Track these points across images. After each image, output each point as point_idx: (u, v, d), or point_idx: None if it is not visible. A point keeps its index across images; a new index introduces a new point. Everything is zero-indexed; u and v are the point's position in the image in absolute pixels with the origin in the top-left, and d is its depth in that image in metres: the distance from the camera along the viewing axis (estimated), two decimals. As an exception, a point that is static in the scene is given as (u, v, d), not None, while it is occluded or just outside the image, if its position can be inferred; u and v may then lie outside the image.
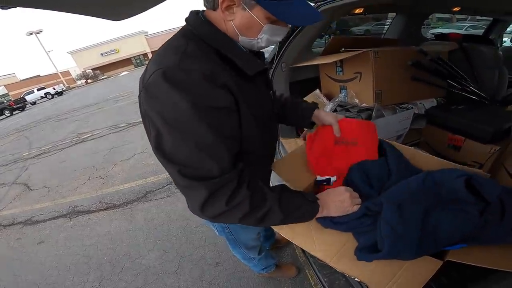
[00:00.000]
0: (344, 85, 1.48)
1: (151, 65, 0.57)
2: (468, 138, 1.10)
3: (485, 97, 1.22)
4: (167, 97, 0.51)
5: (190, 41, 0.57)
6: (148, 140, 0.61)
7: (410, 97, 1.42)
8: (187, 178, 0.53)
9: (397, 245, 0.54)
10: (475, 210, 0.56)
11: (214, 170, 0.53)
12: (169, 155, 0.54)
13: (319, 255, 0.62)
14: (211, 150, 0.53)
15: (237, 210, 0.56)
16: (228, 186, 0.54)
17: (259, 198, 0.58)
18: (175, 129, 0.52)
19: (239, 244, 1.06)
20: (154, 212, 2.49)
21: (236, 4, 0.55)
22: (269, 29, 0.58)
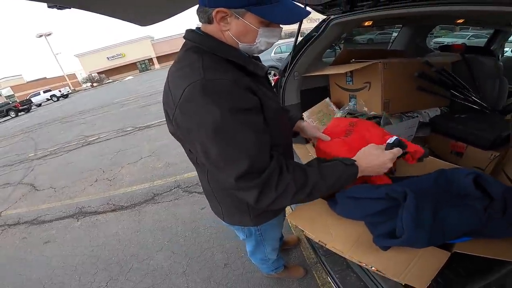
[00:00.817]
0: (353, 94, 1.55)
1: (175, 85, 0.61)
2: (470, 145, 1.17)
3: (486, 106, 1.29)
4: (204, 109, 0.56)
5: (203, 55, 0.62)
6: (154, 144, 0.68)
7: (416, 106, 1.49)
8: (240, 180, 0.59)
9: (414, 233, 0.60)
10: (480, 205, 0.62)
11: (262, 165, 0.59)
12: (219, 163, 0.59)
13: (336, 246, 0.67)
14: (256, 148, 0.58)
15: (287, 193, 0.61)
16: (273, 176, 0.60)
17: (301, 177, 0.63)
18: (218, 136, 0.56)
19: (265, 245, 1.11)
20: (162, 214, 2.52)
21: (228, 15, 0.59)
22: (265, 32, 0.63)
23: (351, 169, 0.69)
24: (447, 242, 0.64)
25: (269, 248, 1.15)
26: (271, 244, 1.13)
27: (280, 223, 1.09)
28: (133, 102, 10.21)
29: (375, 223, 0.70)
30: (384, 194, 0.70)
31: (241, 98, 0.59)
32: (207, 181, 0.83)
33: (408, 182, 0.76)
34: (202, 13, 0.63)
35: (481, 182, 0.66)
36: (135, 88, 15.47)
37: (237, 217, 0.89)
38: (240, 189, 0.61)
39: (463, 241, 0.63)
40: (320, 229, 0.75)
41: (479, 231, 0.62)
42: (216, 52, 0.63)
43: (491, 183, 0.64)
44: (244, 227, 0.97)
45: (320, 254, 1.00)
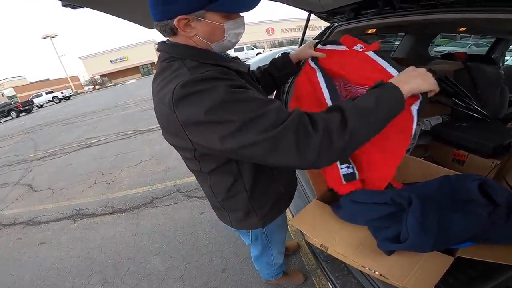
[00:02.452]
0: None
1: (165, 92, 0.58)
2: (471, 153, 1.17)
3: (487, 115, 1.30)
4: (201, 96, 0.53)
5: (184, 61, 0.61)
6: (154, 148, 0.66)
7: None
8: (266, 141, 0.52)
9: (419, 238, 0.59)
10: (484, 211, 0.62)
11: (282, 115, 0.54)
12: (241, 129, 0.53)
13: (340, 250, 0.66)
14: (266, 105, 0.54)
15: (330, 128, 0.53)
16: (302, 119, 0.54)
17: (335, 112, 0.56)
18: (227, 110, 0.53)
19: (272, 249, 1.10)
20: (161, 218, 2.50)
21: (190, 20, 0.59)
22: (230, 25, 0.63)
23: (385, 85, 0.60)
24: (451, 247, 0.64)
25: (275, 251, 1.14)
26: (277, 247, 1.13)
27: (285, 225, 1.09)
28: (134, 106, 10.24)
29: (379, 228, 0.70)
30: (389, 199, 0.69)
31: (231, 79, 0.58)
32: (209, 188, 0.81)
33: (413, 188, 0.76)
34: (163, 27, 0.62)
35: (486, 188, 0.66)
36: (137, 92, 15.56)
37: (245, 220, 0.88)
38: (272, 141, 0.52)
39: (466, 246, 0.63)
40: (323, 233, 0.74)
41: (482, 236, 0.62)
42: (196, 58, 0.62)
43: (496, 189, 0.65)
44: (250, 231, 0.96)
45: (321, 259, 0.99)
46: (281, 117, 0.53)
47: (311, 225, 0.73)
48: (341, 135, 0.53)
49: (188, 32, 0.61)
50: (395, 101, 0.59)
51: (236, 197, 0.79)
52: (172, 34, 0.63)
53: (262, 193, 0.82)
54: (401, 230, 0.63)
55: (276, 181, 0.84)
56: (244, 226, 0.91)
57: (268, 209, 0.86)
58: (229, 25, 0.63)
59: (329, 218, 0.78)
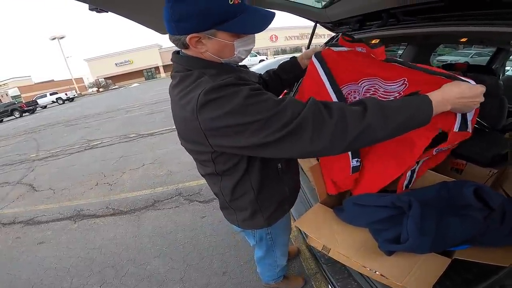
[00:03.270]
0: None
1: (187, 100, 0.61)
2: (469, 162, 1.20)
3: (485, 125, 1.32)
4: (222, 101, 0.57)
5: (203, 70, 0.64)
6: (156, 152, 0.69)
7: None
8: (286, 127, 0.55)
9: (418, 240, 0.62)
10: (480, 215, 0.65)
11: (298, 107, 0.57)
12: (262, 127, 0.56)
13: (342, 251, 0.69)
14: (282, 101, 0.58)
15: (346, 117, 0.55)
16: (316, 107, 0.57)
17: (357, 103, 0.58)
18: (249, 111, 0.56)
19: (275, 250, 1.12)
20: (162, 221, 2.51)
21: (201, 37, 0.62)
22: (240, 43, 0.66)
23: (419, 97, 0.60)
24: (448, 249, 0.66)
25: (279, 253, 1.16)
26: (281, 249, 1.15)
27: (289, 228, 1.11)
28: (137, 109, 10.33)
29: (379, 230, 0.72)
30: (389, 203, 0.72)
31: (249, 84, 0.61)
32: (219, 189, 0.85)
33: (413, 193, 0.79)
34: (176, 41, 0.65)
35: (481, 193, 0.69)
36: (140, 95, 15.70)
37: (251, 220, 0.91)
38: (292, 133, 0.56)
39: (462, 249, 0.66)
40: (326, 235, 0.77)
41: (478, 239, 0.65)
42: (211, 69, 0.66)
43: (491, 195, 0.68)
44: (255, 232, 0.98)
45: (321, 262, 1.01)
46: (297, 108, 0.56)
47: (314, 227, 0.76)
48: (357, 126, 0.55)
49: (199, 48, 0.64)
50: (421, 112, 0.59)
51: (244, 196, 0.83)
52: (184, 47, 0.67)
53: (268, 194, 0.85)
54: (401, 232, 0.66)
55: (281, 182, 0.87)
56: (250, 225, 0.94)
57: (273, 209, 0.89)
58: (238, 43, 0.66)
59: (331, 221, 0.81)
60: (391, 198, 0.73)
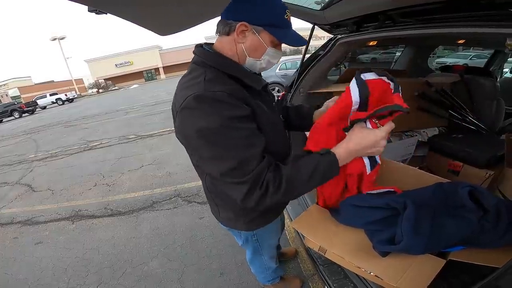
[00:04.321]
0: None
1: (179, 94, 0.68)
2: (466, 163, 1.21)
3: (483, 127, 1.34)
4: (201, 115, 0.62)
5: (207, 70, 0.69)
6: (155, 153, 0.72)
7: (415, 125, 1.54)
8: (227, 176, 0.64)
9: (413, 240, 0.62)
10: (474, 217, 0.66)
11: (249, 167, 0.63)
12: (210, 160, 0.65)
13: (337, 251, 0.69)
14: (244, 151, 0.63)
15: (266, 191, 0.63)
16: (261, 175, 0.63)
17: (277, 175, 0.65)
18: (213, 140, 0.62)
19: (263, 252, 1.12)
20: (160, 222, 2.51)
21: (248, 29, 0.68)
22: (270, 52, 0.73)
23: (327, 157, 0.68)
24: (443, 250, 0.66)
25: (267, 256, 1.16)
26: (268, 251, 1.15)
27: (276, 231, 1.10)
28: (136, 111, 10.34)
29: (374, 231, 0.73)
30: (384, 204, 0.73)
31: (235, 107, 0.64)
32: (205, 183, 0.88)
33: (408, 194, 0.79)
34: (223, 25, 0.71)
35: (476, 195, 0.69)
36: (140, 97, 15.70)
37: (232, 220, 0.93)
38: (227, 184, 0.66)
39: (457, 250, 0.66)
40: (322, 235, 0.77)
41: (473, 241, 0.65)
42: (218, 67, 0.70)
43: (485, 196, 0.68)
44: (241, 233, 1.00)
45: (318, 263, 1.01)
46: (248, 169, 0.62)
47: (310, 228, 0.76)
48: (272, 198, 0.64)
49: (239, 38, 0.70)
50: (330, 173, 0.68)
51: (227, 198, 0.84)
52: (226, 33, 0.71)
53: None
54: (396, 232, 0.66)
55: None
56: (232, 225, 0.96)
57: (255, 216, 0.90)
58: (270, 50, 0.72)
59: (327, 222, 0.81)
60: (387, 200, 0.73)
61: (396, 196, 0.77)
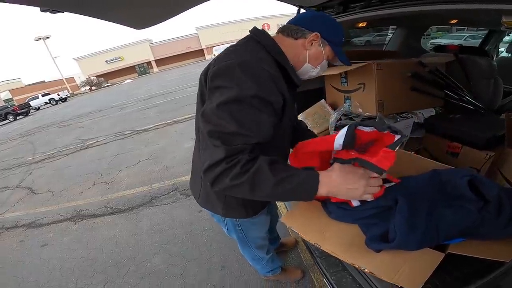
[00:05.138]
0: (348, 95, 1.56)
1: (227, 55, 0.69)
2: (465, 145, 1.16)
3: (480, 106, 1.29)
4: (238, 80, 0.62)
5: (261, 50, 0.72)
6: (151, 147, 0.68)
7: (411, 106, 1.50)
8: (213, 138, 0.62)
9: (407, 236, 0.59)
10: (474, 207, 0.62)
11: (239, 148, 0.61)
12: (212, 115, 0.63)
13: (328, 248, 0.67)
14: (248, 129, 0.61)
15: (231, 169, 0.59)
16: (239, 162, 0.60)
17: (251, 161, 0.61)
18: (230, 101, 0.61)
19: (249, 243, 1.11)
20: (160, 217, 2.52)
21: (317, 40, 0.77)
22: (324, 64, 0.82)
23: (309, 173, 0.64)
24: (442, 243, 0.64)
25: (253, 246, 1.15)
26: (255, 241, 1.13)
27: (261, 224, 1.07)
28: (131, 106, 10.21)
29: (368, 225, 0.70)
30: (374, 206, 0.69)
31: (270, 92, 0.65)
32: (199, 158, 0.86)
33: (401, 184, 0.75)
34: (295, 30, 0.77)
35: (477, 184, 0.65)
36: (133, 92, 15.48)
37: (210, 202, 0.91)
38: (208, 145, 0.63)
39: (457, 242, 0.63)
40: (314, 231, 0.74)
41: (473, 232, 0.62)
42: (270, 51, 0.73)
43: (486, 185, 0.64)
44: (225, 221, 0.99)
45: (316, 255, 1.00)
46: (234, 142, 0.61)
47: (301, 223, 0.73)
48: (235, 178, 0.60)
49: (307, 46, 0.77)
50: (303, 189, 0.63)
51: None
52: (294, 37, 0.78)
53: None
54: (389, 227, 0.63)
55: None
56: (208, 206, 0.94)
57: (234, 205, 0.89)
58: (324, 63, 0.82)
59: (319, 215, 0.78)
60: (376, 202, 0.69)
61: (387, 194, 0.71)
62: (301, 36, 0.77)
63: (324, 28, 0.77)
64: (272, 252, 1.37)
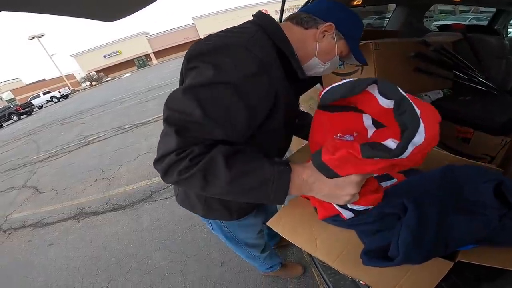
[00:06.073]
0: (345, 78, 1.44)
1: (220, 37, 0.59)
2: (478, 130, 1.06)
3: (493, 87, 1.17)
4: (215, 62, 0.53)
5: (260, 33, 0.61)
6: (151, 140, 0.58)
7: (415, 89, 1.38)
8: (167, 124, 0.51)
9: (411, 255, 0.50)
10: (496, 215, 0.52)
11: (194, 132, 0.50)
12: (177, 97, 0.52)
13: (320, 257, 0.59)
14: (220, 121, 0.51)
15: (179, 162, 0.49)
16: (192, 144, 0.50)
17: (203, 154, 0.50)
18: (194, 86, 0.51)
19: (240, 242, 1.05)
20: (160, 212, 2.51)
21: (330, 32, 0.67)
22: (335, 60, 0.71)
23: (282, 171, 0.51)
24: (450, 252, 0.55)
25: (245, 245, 1.08)
26: (245, 241, 1.06)
27: (250, 225, 0.98)
28: (130, 99, 10.17)
29: (367, 231, 0.61)
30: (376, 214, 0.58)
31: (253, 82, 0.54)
32: None
33: (407, 185, 0.64)
34: (306, 18, 0.67)
35: (504, 191, 0.55)
36: (133, 85, 15.39)
37: (189, 201, 0.83)
38: (162, 132, 0.52)
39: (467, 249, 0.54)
40: (304, 237, 0.66)
41: (489, 239, 0.52)
42: (270, 35, 0.62)
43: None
44: (208, 220, 0.93)
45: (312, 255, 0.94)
46: (189, 130, 0.50)
47: (289, 228, 0.65)
48: (184, 172, 0.49)
49: (318, 37, 0.67)
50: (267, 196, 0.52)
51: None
52: (304, 26, 0.67)
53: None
54: (392, 241, 0.53)
55: None
56: (186, 206, 0.86)
57: (215, 208, 0.81)
58: (335, 59, 0.71)
59: (311, 218, 0.69)
60: (379, 210, 0.58)
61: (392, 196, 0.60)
62: (313, 26, 0.67)
63: (341, 18, 0.67)
64: (270, 249, 1.31)
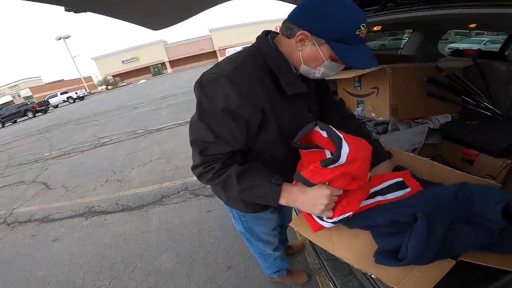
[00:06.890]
0: (361, 99, 1.54)
1: (217, 65, 0.71)
2: (482, 152, 1.13)
3: (499, 113, 1.24)
4: (211, 94, 0.67)
5: (250, 56, 0.69)
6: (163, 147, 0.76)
7: (426, 112, 1.46)
8: (194, 146, 0.73)
9: (420, 256, 0.58)
10: (498, 227, 0.59)
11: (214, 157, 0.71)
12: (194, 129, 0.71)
13: (338, 254, 0.66)
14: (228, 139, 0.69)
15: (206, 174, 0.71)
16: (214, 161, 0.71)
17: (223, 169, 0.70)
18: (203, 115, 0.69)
19: (255, 236, 1.12)
20: (169, 216, 2.55)
21: (308, 39, 0.64)
22: (328, 65, 0.67)
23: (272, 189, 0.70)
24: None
25: (259, 240, 1.15)
26: (262, 238, 1.13)
27: (267, 219, 1.06)
28: (145, 105, 10.41)
29: (382, 233, 0.68)
30: (389, 221, 0.66)
31: (242, 104, 0.65)
32: None
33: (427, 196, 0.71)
34: (287, 28, 0.67)
35: (509, 208, 0.61)
36: (148, 92, 15.79)
37: (217, 190, 0.96)
38: (194, 153, 0.74)
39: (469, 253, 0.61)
40: (323, 236, 0.74)
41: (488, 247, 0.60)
42: (263, 56, 0.69)
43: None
44: (231, 209, 1.02)
45: (323, 258, 0.98)
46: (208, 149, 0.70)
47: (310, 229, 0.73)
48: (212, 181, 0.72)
49: (298, 46, 0.66)
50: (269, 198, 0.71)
51: None
52: (287, 36, 0.68)
53: None
54: (403, 245, 0.61)
55: None
56: (215, 191, 1.00)
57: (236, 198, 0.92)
58: (327, 64, 0.67)
59: None
60: (391, 216, 0.66)
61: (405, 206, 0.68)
62: (290, 35, 0.66)
63: (316, 24, 0.61)
64: (282, 251, 1.35)
